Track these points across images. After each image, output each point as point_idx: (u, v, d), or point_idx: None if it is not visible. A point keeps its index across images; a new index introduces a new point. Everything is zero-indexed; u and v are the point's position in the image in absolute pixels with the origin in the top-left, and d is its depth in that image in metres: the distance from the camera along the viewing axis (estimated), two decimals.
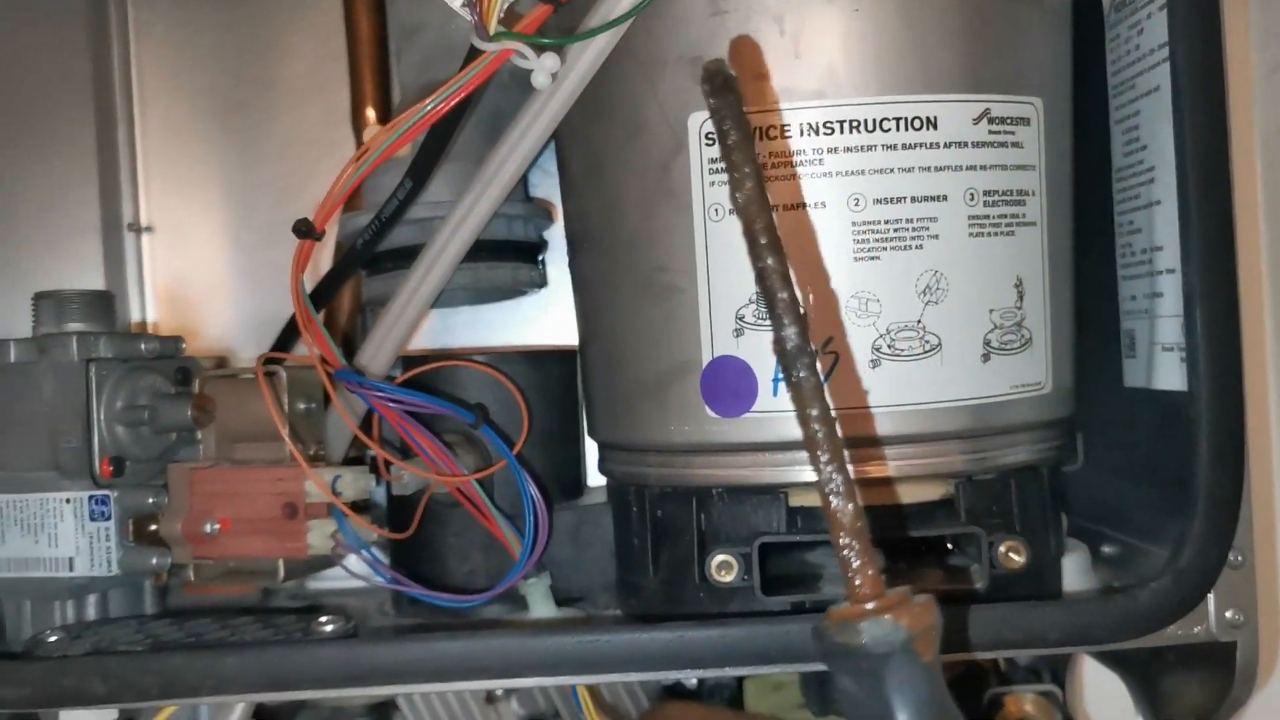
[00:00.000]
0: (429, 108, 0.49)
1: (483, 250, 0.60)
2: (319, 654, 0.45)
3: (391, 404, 0.51)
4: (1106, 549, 0.58)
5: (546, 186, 0.69)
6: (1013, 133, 0.50)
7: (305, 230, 0.49)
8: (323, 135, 0.74)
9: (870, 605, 0.38)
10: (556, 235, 0.65)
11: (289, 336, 0.60)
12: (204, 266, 0.74)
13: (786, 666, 0.45)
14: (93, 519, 0.51)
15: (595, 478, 0.65)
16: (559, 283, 0.69)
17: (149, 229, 0.74)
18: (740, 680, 0.69)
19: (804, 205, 0.49)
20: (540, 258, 0.65)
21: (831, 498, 0.39)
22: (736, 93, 0.42)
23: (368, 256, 0.56)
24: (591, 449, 0.63)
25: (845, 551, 0.38)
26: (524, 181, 0.66)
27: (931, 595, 0.39)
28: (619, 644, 0.45)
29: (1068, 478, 0.59)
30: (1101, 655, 0.62)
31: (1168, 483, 0.51)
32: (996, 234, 0.50)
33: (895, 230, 0.49)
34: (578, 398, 0.63)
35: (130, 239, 0.73)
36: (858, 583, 0.38)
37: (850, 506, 0.39)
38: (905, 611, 0.37)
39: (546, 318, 0.72)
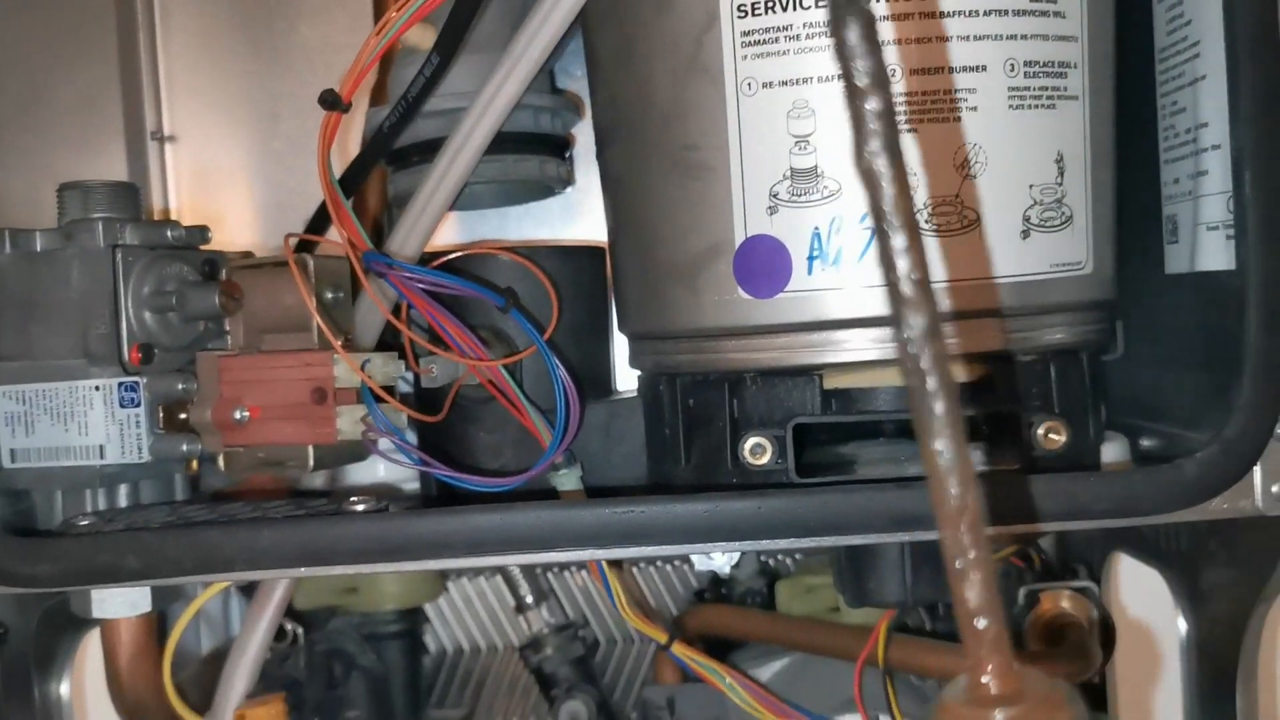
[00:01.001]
0: None
1: (509, 143, 0.59)
2: (352, 528, 0.45)
3: (419, 287, 0.51)
4: (1146, 442, 0.57)
5: (576, 89, 0.68)
6: (1054, 1, 0.49)
7: (332, 101, 0.48)
8: (346, 42, 0.73)
9: (1002, 715, 0.28)
10: (584, 141, 0.65)
11: (318, 226, 0.59)
12: (228, 175, 0.74)
13: (822, 540, 0.45)
14: (122, 406, 0.51)
15: (624, 383, 0.64)
16: (587, 189, 0.68)
17: (172, 138, 0.74)
18: (772, 584, 0.69)
19: (839, 77, 0.47)
20: (568, 154, 0.64)
21: (957, 561, 0.29)
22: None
23: (394, 139, 0.55)
24: (621, 352, 0.62)
25: (975, 621, 0.29)
26: (550, 74, 0.65)
27: (1070, 688, 0.30)
28: (655, 515, 0.44)
29: (1108, 370, 0.58)
30: (1142, 550, 0.61)
31: (1210, 368, 0.50)
32: (1037, 106, 0.49)
33: (933, 102, 0.48)
34: (607, 296, 0.62)
35: (154, 148, 0.73)
36: (984, 673, 0.29)
37: (980, 576, 0.29)
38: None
39: (574, 223, 0.72)
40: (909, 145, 0.47)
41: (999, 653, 0.29)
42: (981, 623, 0.29)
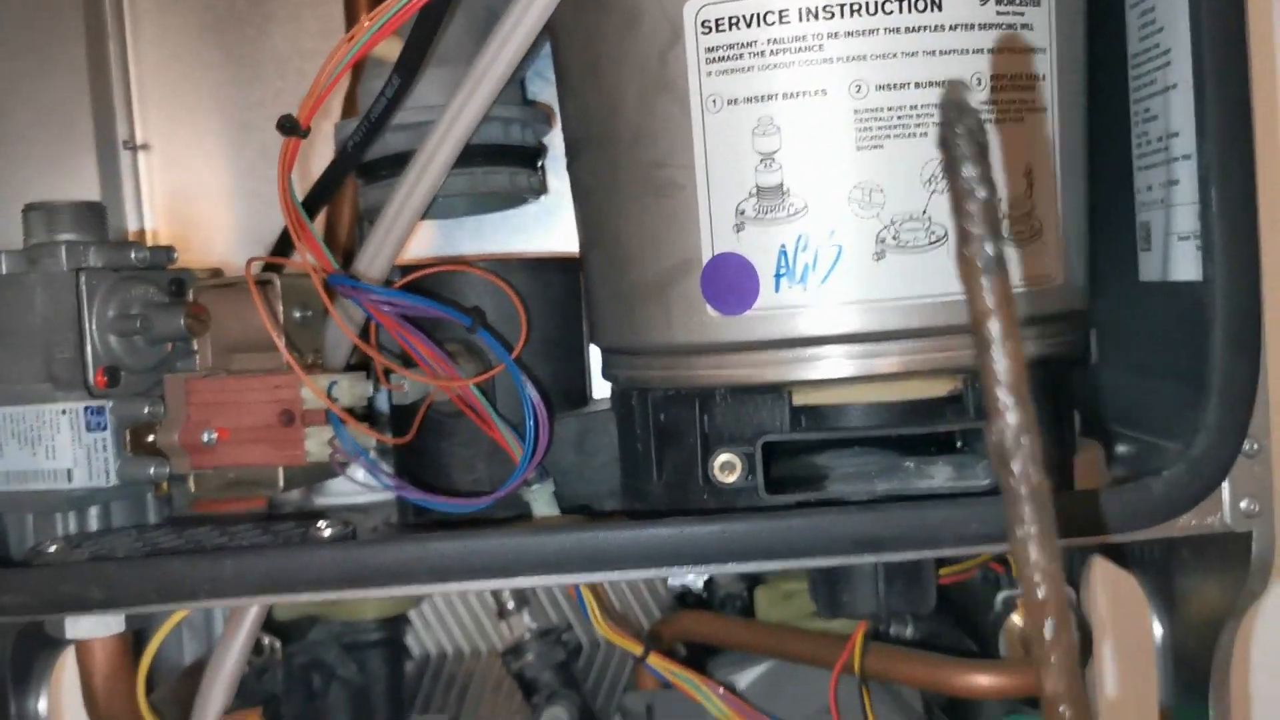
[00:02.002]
0: None
1: (480, 155, 0.58)
2: (317, 556, 0.45)
3: (386, 308, 0.50)
4: (1121, 448, 0.56)
5: (546, 96, 0.67)
6: (1021, 14, 0.48)
7: (290, 127, 0.47)
8: (317, 49, 0.72)
9: None
10: (556, 147, 0.64)
11: (285, 246, 0.59)
12: (202, 184, 0.73)
13: (790, 562, 0.45)
14: (89, 430, 0.51)
15: (600, 391, 0.64)
16: (561, 194, 0.67)
17: (145, 147, 0.73)
18: (751, 590, 0.69)
19: (804, 93, 0.47)
20: (539, 163, 0.63)
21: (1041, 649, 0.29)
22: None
23: (359, 158, 0.55)
24: (595, 360, 0.62)
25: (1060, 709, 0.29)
26: (521, 85, 0.64)
27: None
28: (622, 540, 0.44)
29: (1082, 377, 0.58)
30: (1115, 556, 0.61)
31: (1183, 377, 0.50)
32: (1005, 120, 0.49)
33: (899, 117, 0.47)
34: (580, 308, 0.62)
35: (126, 157, 0.72)
36: None
37: (1063, 662, 0.29)
38: None
39: (549, 230, 0.71)
40: (876, 161, 0.47)
41: None
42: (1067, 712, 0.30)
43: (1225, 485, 0.45)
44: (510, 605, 0.71)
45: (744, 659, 0.64)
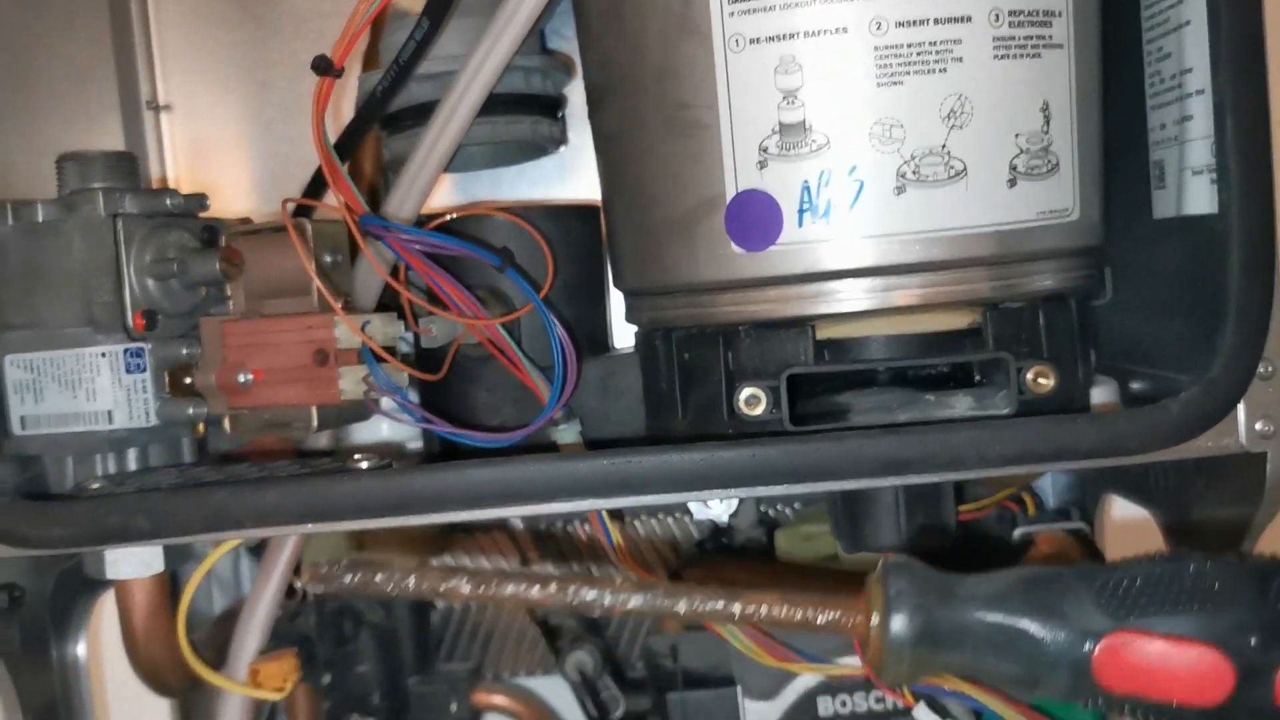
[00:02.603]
0: None
1: (501, 104, 0.59)
2: (357, 485, 0.46)
3: (416, 248, 0.51)
4: (1136, 385, 0.57)
5: (567, 50, 0.68)
6: None
7: (324, 67, 0.48)
8: (335, 9, 0.73)
9: None
10: (577, 101, 0.65)
11: (314, 191, 0.60)
12: (222, 144, 0.74)
13: (815, 486, 0.46)
14: (129, 371, 0.52)
15: (621, 340, 0.65)
16: (580, 148, 0.68)
17: (167, 107, 0.74)
18: (771, 533, 0.70)
19: (824, 31, 0.48)
20: (560, 113, 0.64)
21: None
22: None
23: (387, 103, 0.56)
24: (617, 310, 0.63)
25: None
26: (541, 35, 0.65)
27: None
28: (651, 465, 0.45)
29: (1098, 315, 0.59)
30: (1132, 490, 0.62)
31: (1197, 311, 0.51)
32: (1022, 56, 0.49)
33: (918, 54, 0.48)
34: (601, 255, 0.63)
35: (149, 117, 0.73)
36: None
37: None
38: None
39: (568, 182, 0.72)
40: (896, 97, 0.48)
41: None
42: None
43: (1241, 407, 0.46)
44: (533, 555, 0.73)
45: None
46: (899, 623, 0.25)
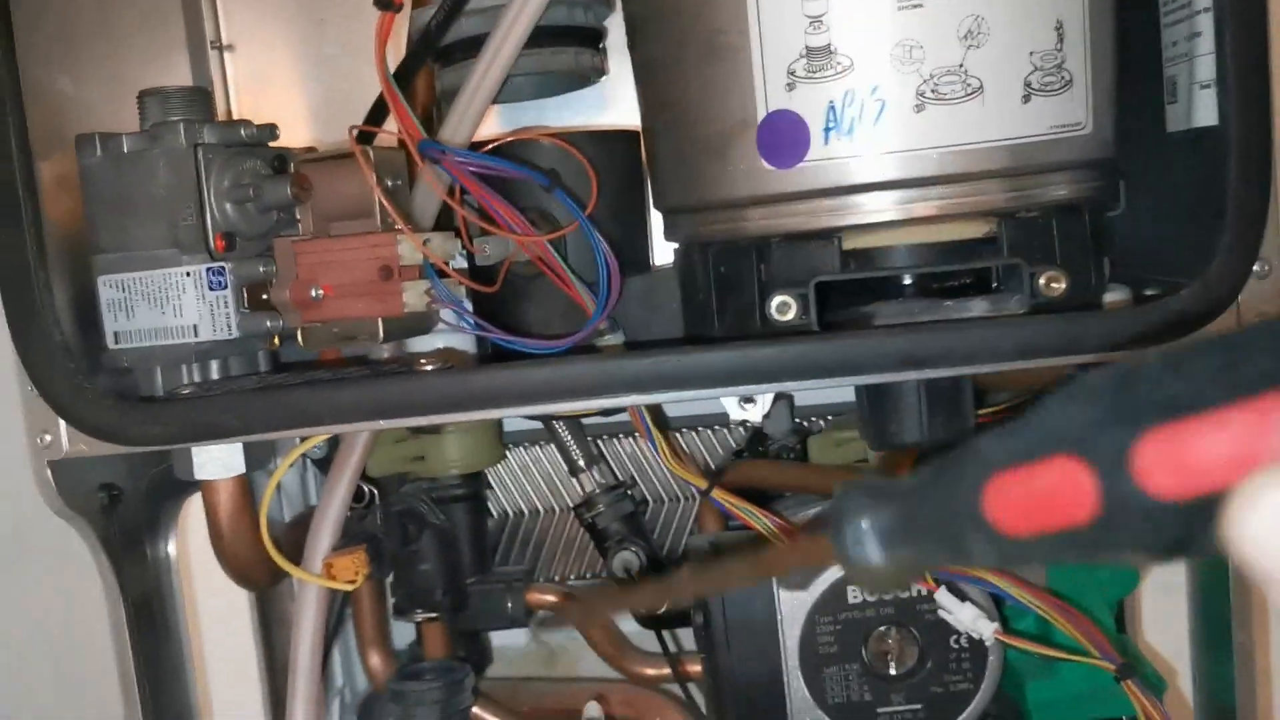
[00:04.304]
0: None
1: (546, 36, 0.63)
2: (423, 384, 0.51)
3: (470, 170, 0.56)
4: (1149, 292, 0.61)
5: None
6: None
7: (385, 3, 0.52)
8: None
9: None
10: (616, 34, 0.68)
11: (374, 120, 0.64)
12: (282, 80, 0.78)
13: (842, 380, 0.50)
14: (211, 289, 0.57)
15: (661, 258, 0.69)
16: (619, 79, 0.72)
17: (230, 47, 0.78)
18: (804, 443, 0.74)
19: None
20: (601, 44, 0.68)
21: None
22: None
23: (440, 36, 0.60)
24: (657, 231, 0.67)
25: None
26: None
27: None
28: (689, 362, 0.49)
29: (1113, 226, 0.62)
30: None
31: (1204, 219, 0.54)
32: None
33: None
34: (642, 177, 0.67)
35: (214, 56, 0.78)
36: None
37: None
38: None
39: (608, 111, 0.76)
40: (915, 19, 0.51)
41: None
42: None
43: (1238, 304, 0.50)
44: (581, 463, 0.77)
45: (801, 502, 0.70)
46: (847, 541, 0.28)
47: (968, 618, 0.59)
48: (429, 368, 0.53)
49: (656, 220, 0.66)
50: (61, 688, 0.63)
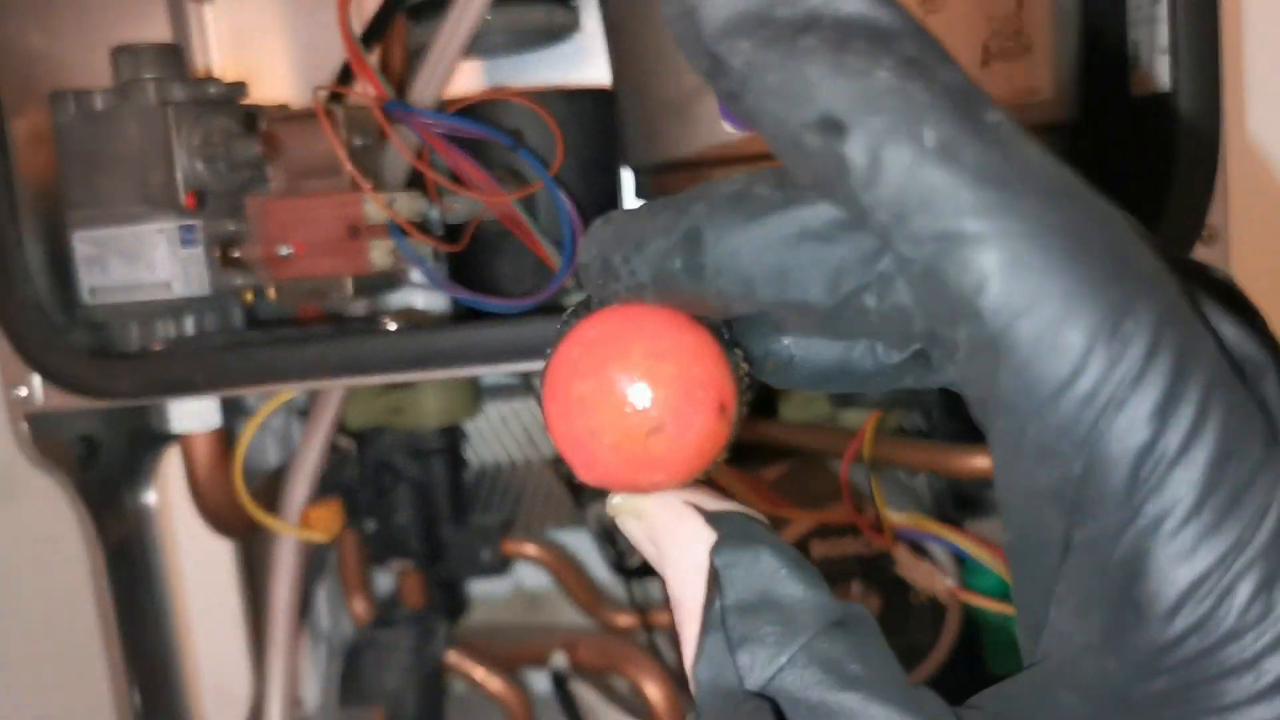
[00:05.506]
0: None
1: None
2: (386, 342, 0.52)
3: (437, 131, 0.56)
4: None
5: None
6: None
7: None
8: None
9: None
10: None
11: (346, 79, 0.65)
12: (262, 34, 0.79)
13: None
14: (183, 245, 0.58)
15: None
16: (597, 33, 0.72)
17: (210, 0, 0.79)
18: (775, 397, 0.76)
19: None
20: (572, 2, 0.68)
21: None
22: None
23: None
24: (630, 187, 0.68)
25: None
26: None
27: None
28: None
29: None
30: None
31: (1159, 182, 0.55)
32: None
33: None
34: (613, 134, 0.67)
35: (193, 9, 0.78)
36: None
37: None
38: None
39: (585, 66, 0.76)
40: None
41: None
42: None
43: None
44: None
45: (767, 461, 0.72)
46: None
47: (924, 575, 0.61)
48: (392, 326, 0.54)
49: (629, 177, 0.67)
50: (42, 638, 0.65)
